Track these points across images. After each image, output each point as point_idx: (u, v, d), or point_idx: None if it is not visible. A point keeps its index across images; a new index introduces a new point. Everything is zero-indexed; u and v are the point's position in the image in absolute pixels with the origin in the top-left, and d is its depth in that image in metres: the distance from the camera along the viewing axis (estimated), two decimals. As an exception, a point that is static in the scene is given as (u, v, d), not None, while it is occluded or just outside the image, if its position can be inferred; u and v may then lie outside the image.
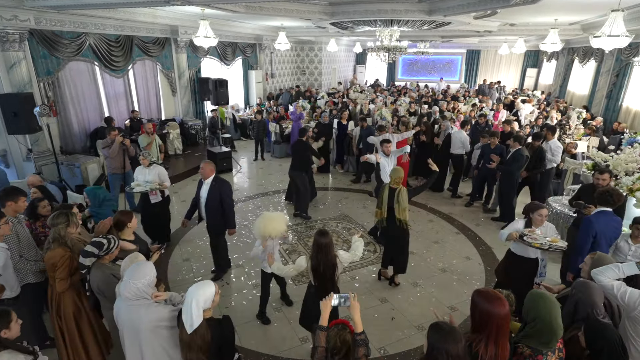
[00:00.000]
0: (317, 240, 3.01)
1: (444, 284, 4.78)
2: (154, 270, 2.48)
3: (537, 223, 3.71)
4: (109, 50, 8.47)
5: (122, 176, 6.38)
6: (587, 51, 13.30)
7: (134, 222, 3.35)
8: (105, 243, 2.81)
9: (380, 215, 4.45)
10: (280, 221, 3.67)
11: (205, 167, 4.55)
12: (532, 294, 2.19)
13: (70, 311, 2.98)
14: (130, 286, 2.34)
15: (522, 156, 5.83)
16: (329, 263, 3.00)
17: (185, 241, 5.82)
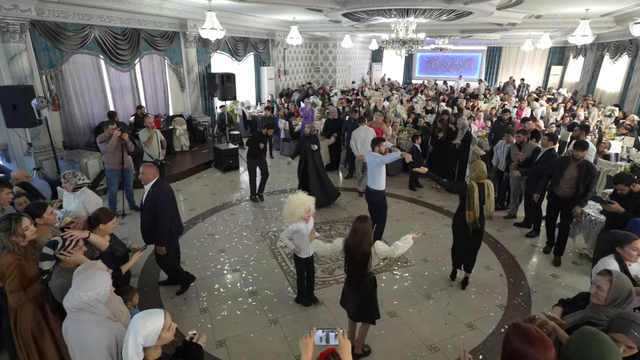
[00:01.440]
0: (354, 223, 2.97)
1: (461, 297, 4.28)
2: (108, 283, 2.08)
3: (632, 258, 2.81)
4: (114, 43, 8.25)
5: (120, 172, 6.11)
6: (620, 46, 12.45)
7: (110, 225, 2.99)
8: (59, 241, 2.44)
9: (474, 216, 4.01)
10: (297, 198, 3.66)
11: (146, 170, 3.90)
12: (583, 334, 1.71)
13: (27, 328, 2.58)
14: (73, 298, 1.96)
15: (554, 157, 5.26)
16: (360, 249, 2.91)
17: (183, 242, 5.44)
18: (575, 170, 4.61)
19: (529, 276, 4.67)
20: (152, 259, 5.00)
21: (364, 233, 2.92)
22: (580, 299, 2.86)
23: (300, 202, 3.60)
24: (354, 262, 2.94)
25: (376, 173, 4.86)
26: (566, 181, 4.69)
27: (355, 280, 3.00)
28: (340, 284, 4.49)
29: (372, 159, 4.84)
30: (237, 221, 6.15)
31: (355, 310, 3.20)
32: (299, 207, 3.57)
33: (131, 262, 2.96)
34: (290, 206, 3.60)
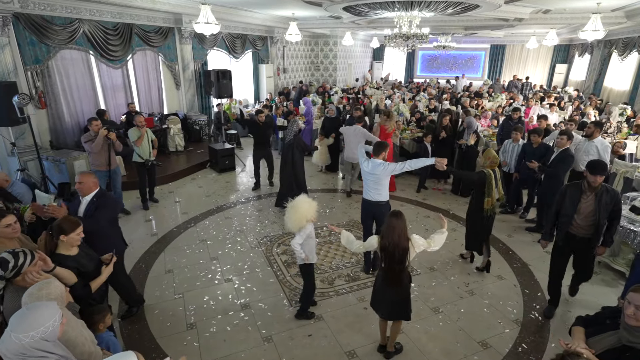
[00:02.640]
0: (390, 220, 2.90)
1: (473, 310, 3.92)
2: (57, 316, 1.68)
3: None
4: (105, 38, 7.90)
5: (107, 173, 5.73)
6: (629, 42, 12.07)
7: (73, 236, 2.55)
8: (9, 260, 2.05)
9: (492, 202, 4.31)
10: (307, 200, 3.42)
11: (85, 179, 3.33)
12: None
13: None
14: (11, 342, 1.56)
15: (570, 157, 4.91)
16: (400, 245, 2.86)
17: (173, 248, 5.13)
18: (593, 201, 3.42)
19: (544, 286, 4.29)
20: (138, 266, 4.67)
21: (401, 229, 2.87)
22: (605, 316, 2.52)
23: (309, 205, 3.34)
24: (393, 259, 2.88)
25: (383, 182, 4.15)
26: (583, 217, 3.50)
27: (395, 278, 2.95)
28: (341, 295, 4.15)
29: (380, 168, 4.03)
30: (231, 225, 5.80)
31: (392, 308, 3.10)
32: (309, 210, 3.33)
33: (103, 276, 2.60)
34: (299, 210, 3.29)
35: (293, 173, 6.13)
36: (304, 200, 3.35)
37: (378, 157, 4.12)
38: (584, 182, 3.49)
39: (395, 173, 4.21)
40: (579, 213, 3.51)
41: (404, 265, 2.91)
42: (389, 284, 2.98)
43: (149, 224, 5.85)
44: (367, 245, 3.11)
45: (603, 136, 7.91)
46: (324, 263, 4.77)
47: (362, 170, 4.22)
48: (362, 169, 4.20)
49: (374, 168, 4.06)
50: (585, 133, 5.25)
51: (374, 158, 4.13)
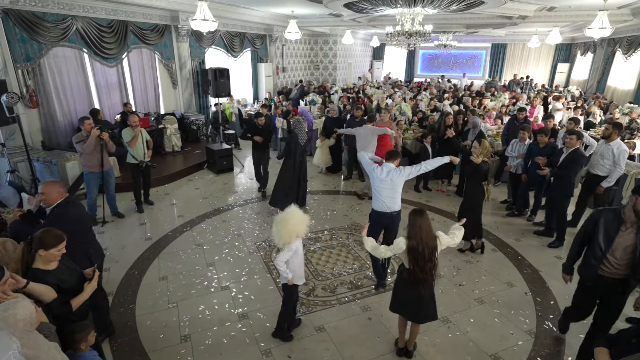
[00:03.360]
0: (415, 220, 2.86)
1: (483, 320, 3.72)
2: (13, 346, 1.47)
3: None
4: (99, 36, 7.68)
5: (99, 175, 5.52)
6: (633, 41, 11.88)
7: (54, 252, 2.28)
8: None
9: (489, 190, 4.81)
10: (299, 214, 3.13)
11: (48, 189, 3.03)
12: None
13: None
14: None
15: (581, 156, 4.71)
16: (429, 243, 2.84)
17: (168, 254, 4.92)
18: (634, 234, 2.72)
19: (557, 294, 4.11)
20: (130, 273, 4.45)
21: (427, 226, 2.86)
22: (630, 335, 2.32)
23: (301, 218, 3.07)
24: (424, 258, 2.83)
25: (399, 189, 3.89)
26: (619, 254, 2.78)
27: (426, 277, 2.89)
28: (344, 304, 3.94)
29: (397, 173, 3.76)
30: (228, 229, 5.59)
31: (420, 308, 3.02)
32: (301, 224, 3.07)
33: (85, 293, 2.37)
34: (289, 224, 3.01)
35: (300, 174, 5.97)
36: (295, 213, 3.06)
37: (392, 162, 3.86)
38: (624, 209, 2.78)
39: (412, 177, 3.95)
40: (616, 249, 2.79)
41: (433, 263, 2.87)
42: (418, 282, 2.90)
43: (143, 227, 5.64)
44: (396, 248, 2.98)
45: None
46: (325, 269, 4.56)
47: (373, 179, 3.86)
48: (375, 177, 3.84)
49: (390, 173, 3.78)
50: (603, 134, 5.04)
51: (388, 163, 3.86)
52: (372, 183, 3.92)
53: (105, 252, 4.85)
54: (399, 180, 3.81)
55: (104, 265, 4.51)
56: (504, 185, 7.07)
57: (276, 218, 3.10)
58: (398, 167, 3.80)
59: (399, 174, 3.78)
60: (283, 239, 3.03)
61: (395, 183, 3.82)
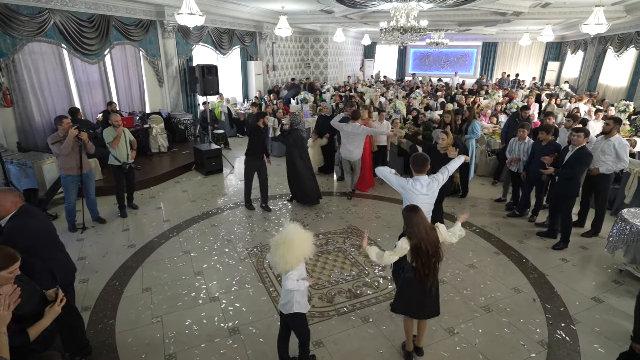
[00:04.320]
0: (410, 217, 2.77)
1: (491, 330, 3.48)
2: None
3: None
4: (79, 31, 7.28)
5: (78, 178, 5.17)
6: (625, 38, 11.85)
7: (4, 274, 1.96)
8: None
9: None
10: (302, 231, 2.69)
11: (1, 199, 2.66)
12: None
13: None
14: None
15: (588, 155, 4.51)
16: (430, 239, 2.75)
17: (152, 262, 4.58)
18: None
19: (567, 300, 3.90)
20: (111, 284, 4.12)
21: (424, 221, 2.77)
22: None
23: (305, 236, 2.65)
24: (427, 255, 2.73)
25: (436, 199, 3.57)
26: None
27: (432, 273, 2.79)
28: (342, 314, 3.67)
29: (435, 184, 3.40)
30: (217, 234, 5.27)
31: (426, 305, 2.94)
32: (306, 243, 2.64)
33: (45, 320, 2.03)
34: (294, 246, 2.55)
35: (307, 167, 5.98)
36: (298, 232, 2.62)
37: (424, 172, 3.42)
38: None
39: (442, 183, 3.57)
40: None
41: (439, 257, 2.78)
42: (425, 278, 2.79)
43: (126, 233, 5.29)
44: (400, 251, 2.83)
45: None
46: (321, 277, 4.28)
47: (414, 194, 3.33)
48: (416, 193, 3.32)
49: (430, 185, 3.36)
50: (604, 130, 4.87)
51: (420, 175, 3.38)
52: (411, 199, 3.32)
53: (84, 261, 4.54)
54: (437, 190, 3.47)
55: (81, 277, 4.19)
56: (501, 185, 6.89)
57: (275, 241, 2.61)
58: (431, 177, 3.42)
59: (437, 184, 3.42)
60: (289, 264, 2.58)
61: (435, 194, 3.46)
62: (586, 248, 4.97)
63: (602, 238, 5.21)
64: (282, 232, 2.61)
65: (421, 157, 3.40)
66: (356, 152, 6.18)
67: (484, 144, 7.81)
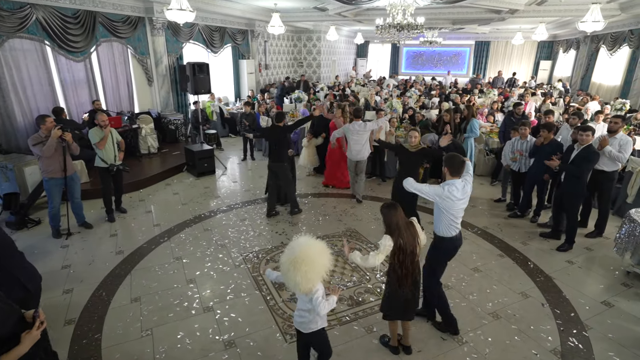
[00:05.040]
0: (389, 215, 2.72)
1: (502, 339, 3.31)
2: None
3: None
4: (63, 27, 6.97)
5: (62, 181, 4.89)
6: (618, 37, 11.86)
7: None
8: None
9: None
10: (318, 243, 2.38)
11: None
12: None
13: None
14: None
15: (595, 154, 4.38)
16: (410, 235, 2.73)
17: (142, 269, 4.34)
18: None
19: (576, 305, 3.76)
20: (97, 294, 3.87)
21: (403, 217, 2.74)
22: None
23: (323, 248, 2.34)
24: (405, 253, 2.72)
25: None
26: None
27: (410, 272, 2.79)
28: (345, 324, 3.48)
29: (469, 187, 3.13)
30: (211, 239, 5.04)
31: (412, 304, 2.94)
32: (325, 255, 2.33)
33: (23, 347, 1.78)
34: (316, 261, 2.22)
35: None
36: (314, 245, 2.29)
37: (459, 176, 3.11)
38: None
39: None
40: None
41: (415, 255, 2.77)
42: (405, 279, 2.78)
43: (114, 239, 5.02)
44: (385, 250, 2.73)
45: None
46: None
47: (452, 202, 3.03)
48: (454, 200, 3.01)
49: (465, 190, 3.08)
50: (611, 128, 4.75)
51: (455, 179, 3.07)
52: (448, 207, 3.05)
53: (68, 270, 4.28)
54: (470, 193, 3.19)
55: (65, 286, 3.94)
56: (499, 184, 6.76)
57: (291, 260, 2.23)
58: (464, 180, 3.14)
59: (470, 186, 3.16)
60: (312, 282, 2.25)
61: (469, 197, 3.18)
62: (591, 249, 4.85)
63: (606, 239, 5.11)
64: (295, 248, 2.26)
65: (458, 159, 3.07)
66: (364, 152, 6.00)
67: (482, 143, 7.68)
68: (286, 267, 2.24)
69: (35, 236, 5.08)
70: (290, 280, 2.26)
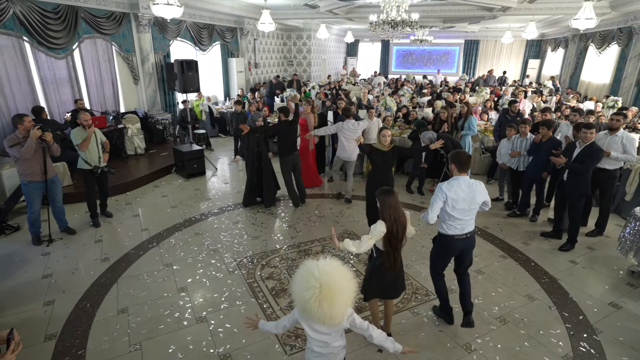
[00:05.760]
0: (386, 201, 2.72)
1: (510, 345, 3.17)
2: None
3: None
4: (43, 22, 6.63)
5: (42, 185, 4.61)
6: (607, 35, 11.96)
7: None
8: None
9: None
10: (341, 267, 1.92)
11: None
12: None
13: None
14: None
15: (599, 151, 4.29)
16: (402, 221, 2.74)
17: (129, 277, 4.09)
18: None
19: (584, 307, 3.65)
20: (81, 305, 3.61)
21: (397, 204, 2.74)
22: None
23: (342, 268, 1.91)
24: (397, 239, 2.75)
25: None
26: None
27: (399, 256, 2.85)
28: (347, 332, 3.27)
29: (481, 186, 3.04)
30: (202, 244, 4.81)
31: (396, 284, 2.97)
32: (351, 279, 1.91)
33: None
34: (345, 288, 1.85)
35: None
36: (340, 269, 1.89)
37: (466, 172, 3.04)
38: None
39: None
40: None
41: (403, 241, 2.80)
42: (396, 263, 2.82)
43: (99, 245, 4.75)
44: (378, 234, 2.70)
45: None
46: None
47: (457, 201, 2.96)
48: (457, 200, 2.96)
49: (472, 186, 2.98)
50: (612, 126, 4.66)
51: (463, 175, 2.99)
52: (456, 206, 2.99)
53: (49, 279, 4.01)
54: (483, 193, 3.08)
55: (46, 298, 3.67)
56: (495, 183, 6.67)
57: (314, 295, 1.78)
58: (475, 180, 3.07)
59: (483, 186, 3.06)
60: (342, 313, 1.88)
61: (480, 199, 3.06)
62: (593, 248, 4.77)
63: (606, 237, 5.05)
64: (323, 275, 1.81)
65: (465, 155, 3.01)
66: (355, 151, 5.84)
67: (478, 141, 7.59)
68: (316, 299, 1.80)
69: (14, 243, 4.77)
70: (322, 313, 1.81)
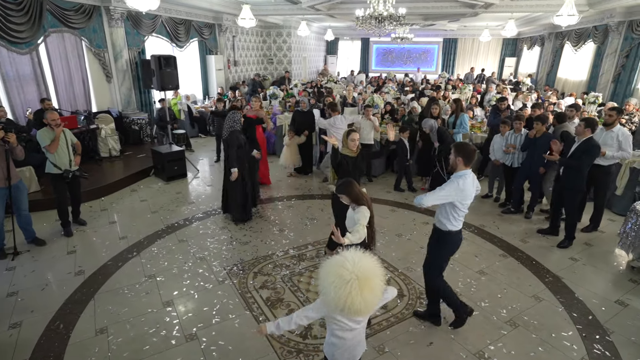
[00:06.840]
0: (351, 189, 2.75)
1: (525, 350, 3.01)
2: None
3: None
4: (4, 14, 6.07)
5: (5, 191, 4.15)
6: (582, 33, 12.23)
7: None
8: None
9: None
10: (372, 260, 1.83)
11: None
12: None
13: None
14: None
15: (596, 147, 4.22)
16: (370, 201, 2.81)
17: (107, 292, 3.70)
18: None
19: (591, 307, 3.55)
20: (53, 327, 3.22)
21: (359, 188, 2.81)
22: None
23: (378, 265, 1.83)
24: (373, 216, 2.84)
25: None
26: None
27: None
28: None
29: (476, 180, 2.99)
30: (188, 251, 4.46)
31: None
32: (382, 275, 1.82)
33: None
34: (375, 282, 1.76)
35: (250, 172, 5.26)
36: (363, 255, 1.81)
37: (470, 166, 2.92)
38: None
39: None
40: None
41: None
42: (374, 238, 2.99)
43: (72, 257, 4.32)
44: (364, 218, 2.72)
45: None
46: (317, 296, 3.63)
47: (469, 196, 2.89)
48: (469, 195, 2.88)
49: (475, 180, 2.96)
50: (606, 122, 4.62)
51: (467, 169, 2.89)
52: (462, 199, 2.86)
53: (15, 297, 3.58)
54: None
55: (11, 320, 3.26)
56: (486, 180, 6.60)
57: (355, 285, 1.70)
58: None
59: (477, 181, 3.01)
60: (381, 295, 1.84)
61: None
62: (590, 244, 4.73)
63: (601, 232, 5.02)
64: (356, 266, 1.74)
65: (470, 147, 2.89)
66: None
67: (467, 138, 7.51)
68: (352, 297, 1.70)
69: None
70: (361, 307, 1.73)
